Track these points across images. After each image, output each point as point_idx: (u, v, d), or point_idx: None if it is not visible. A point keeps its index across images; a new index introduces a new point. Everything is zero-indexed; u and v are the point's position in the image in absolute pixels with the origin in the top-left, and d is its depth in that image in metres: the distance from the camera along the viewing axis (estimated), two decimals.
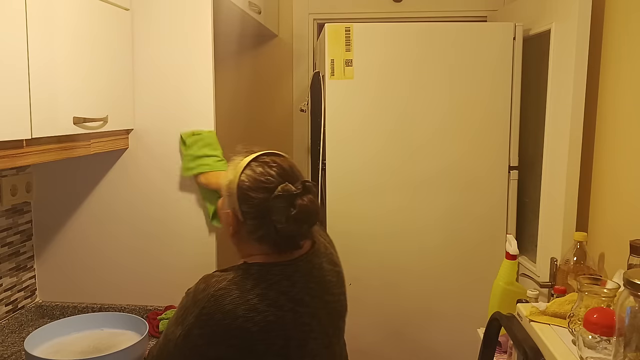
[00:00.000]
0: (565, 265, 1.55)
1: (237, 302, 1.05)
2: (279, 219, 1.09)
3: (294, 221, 1.09)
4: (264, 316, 1.06)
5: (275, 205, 1.09)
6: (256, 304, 1.06)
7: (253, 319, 1.05)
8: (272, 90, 2.73)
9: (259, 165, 1.13)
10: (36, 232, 1.81)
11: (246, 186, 1.11)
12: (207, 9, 1.68)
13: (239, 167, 1.14)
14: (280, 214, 1.09)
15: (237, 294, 1.06)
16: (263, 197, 1.10)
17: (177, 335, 1.08)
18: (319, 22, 2.66)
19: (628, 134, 1.49)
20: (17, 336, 1.66)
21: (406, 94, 1.97)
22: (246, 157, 1.16)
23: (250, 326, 1.05)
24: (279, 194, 1.09)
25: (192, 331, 1.06)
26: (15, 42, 1.16)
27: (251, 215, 1.12)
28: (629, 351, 0.88)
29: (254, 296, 1.07)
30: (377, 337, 2.08)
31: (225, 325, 1.04)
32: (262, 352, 1.06)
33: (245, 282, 1.08)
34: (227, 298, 1.05)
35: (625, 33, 1.53)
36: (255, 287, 1.08)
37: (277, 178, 1.11)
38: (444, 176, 2.00)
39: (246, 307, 1.05)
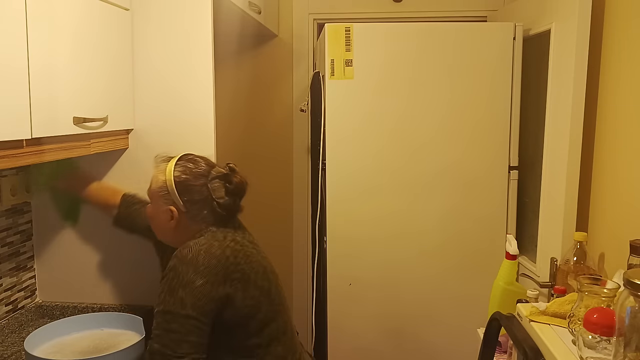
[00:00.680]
0: (565, 265, 1.55)
1: (222, 247, 1.27)
2: (219, 195, 1.33)
3: (232, 194, 1.35)
4: (243, 252, 1.30)
5: (214, 185, 1.34)
6: (234, 246, 1.30)
7: (238, 255, 1.29)
8: (272, 90, 2.73)
9: (186, 162, 1.37)
10: (36, 232, 1.81)
11: (184, 178, 1.33)
12: (207, 9, 1.68)
13: (169, 168, 1.36)
14: (219, 191, 1.34)
15: (217, 243, 1.28)
16: (202, 182, 1.34)
17: (182, 297, 1.20)
18: (319, 22, 2.66)
19: (628, 134, 1.49)
20: (17, 336, 1.66)
21: (406, 94, 1.97)
22: (168, 161, 1.38)
23: (239, 261, 1.28)
24: (215, 176, 1.35)
25: (196, 283, 1.20)
26: (15, 42, 1.16)
27: (193, 201, 1.33)
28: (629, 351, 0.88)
29: (229, 241, 1.30)
30: (376, 337, 2.08)
31: (222, 266, 1.24)
32: (254, 279, 1.29)
33: (217, 236, 1.31)
34: (212, 248, 1.26)
35: (625, 33, 1.53)
36: (226, 237, 1.31)
37: (206, 166, 1.37)
38: (444, 176, 2.00)
39: (230, 249, 1.28)
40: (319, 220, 2.16)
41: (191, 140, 1.72)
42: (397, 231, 2.02)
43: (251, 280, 1.29)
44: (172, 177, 1.33)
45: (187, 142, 1.72)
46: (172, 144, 1.73)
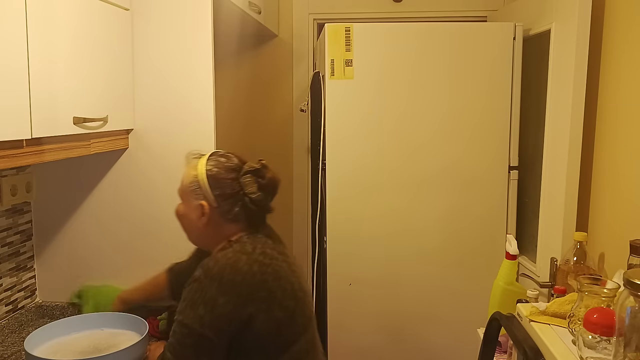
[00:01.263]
0: (565, 265, 1.55)
1: (249, 262, 1.21)
2: (251, 190, 1.28)
3: (264, 190, 1.30)
4: (272, 268, 1.23)
5: (246, 180, 1.29)
6: (263, 260, 1.23)
7: (266, 272, 1.22)
8: (272, 90, 2.73)
9: (219, 157, 1.33)
10: (36, 232, 1.81)
11: (215, 172, 1.30)
12: (207, 9, 1.68)
13: (201, 163, 1.32)
14: (251, 186, 1.29)
15: (245, 257, 1.22)
16: (233, 176, 1.29)
17: (201, 314, 1.15)
18: (319, 22, 2.66)
19: (628, 133, 1.49)
20: (17, 336, 1.66)
21: (406, 94, 1.97)
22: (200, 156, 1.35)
23: (266, 277, 1.21)
24: (247, 170, 1.30)
25: (218, 301, 1.16)
26: (15, 42, 1.16)
27: (225, 196, 1.29)
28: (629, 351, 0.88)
29: (258, 254, 1.24)
30: (377, 336, 2.08)
31: (247, 284, 1.18)
32: (280, 297, 1.22)
33: (246, 247, 1.25)
34: (240, 262, 1.20)
35: (625, 33, 1.53)
36: (255, 249, 1.25)
37: (238, 161, 1.33)
38: (444, 176, 2.00)
39: (257, 264, 1.21)
40: (319, 219, 2.16)
41: (191, 140, 1.72)
42: (397, 231, 2.02)
43: (277, 300, 1.21)
44: (204, 171, 1.29)
45: (187, 142, 1.72)
46: (172, 144, 1.73)
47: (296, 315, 1.25)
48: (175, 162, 1.74)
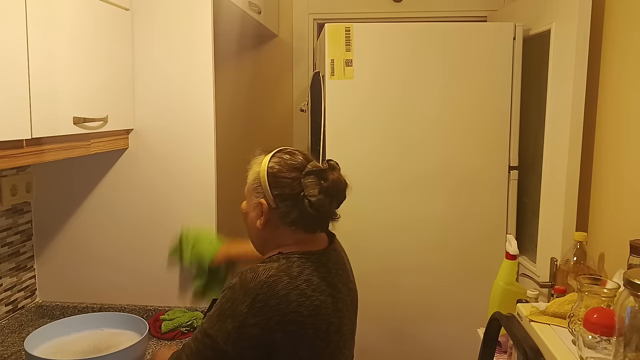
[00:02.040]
0: (565, 265, 1.55)
1: (289, 288, 1.09)
2: (312, 192, 1.15)
3: (326, 193, 1.17)
4: (311, 301, 1.11)
5: (307, 181, 1.16)
6: (304, 289, 1.11)
7: (304, 304, 1.09)
8: (272, 90, 2.73)
9: (284, 154, 1.21)
10: (36, 232, 1.81)
11: (277, 169, 1.18)
12: (207, 9, 1.68)
13: (265, 160, 1.21)
14: (313, 188, 1.16)
15: (287, 279, 1.10)
16: (295, 175, 1.17)
17: (228, 329, 1.07)
18: (319, 22, 2.66)
19: (628, 134, 1.49)
20: (17, 336, 1.66)
21: (406, 94, 1.97)
22: (266, 153, 1.24)
23: (302, 310, 1.09)
24: (310, 170, 1.17)
25: (247, 321, 1.06)
26: (15, 42, 1.16)
27: (284, 197, 1.17)
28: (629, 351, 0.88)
29: (302, 282, 1.12)
30: (376, 336, 2.08)
31: (281, 311, 1.07)
32: (311, 336, 1.11)
33: (292, 269, 1.13)
34: (279, 284, 1.09)
35: (625, 33, 1.53)
36: (301, 274, 1.13)
37: (303, 159, 1.20)
38: (444, 176, 2.00)
39: (297, 292, 1.10)
40: None
41: (191, 140, 1.73)
42: (397, 231, 2.02)
43: (307, 337, 1.10)
44: (266, 168, 1.19)
45: (188, 142, 1.73)
46: (172, 144, 1.73)
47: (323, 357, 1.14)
48: (175, 162, 1.74)
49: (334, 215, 1.25)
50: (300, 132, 2.71)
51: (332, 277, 1.19)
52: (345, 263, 1.30)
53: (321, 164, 1.21)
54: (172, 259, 1.55)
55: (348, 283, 1.26)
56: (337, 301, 1.17)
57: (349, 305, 1.23)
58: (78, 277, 1.81)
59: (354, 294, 1.29)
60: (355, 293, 1.30)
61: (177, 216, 1.75)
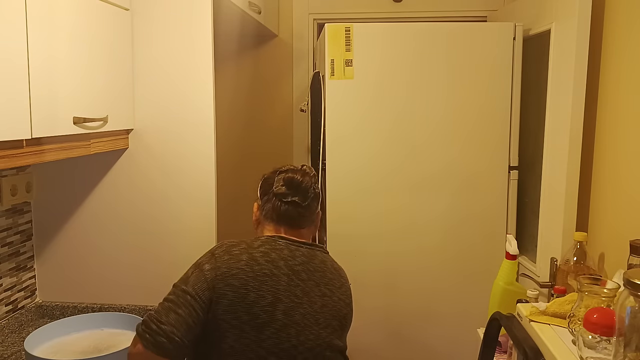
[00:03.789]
0: (565, 265, 1.55)
1: (244, 251, 1.26)
2: (277, 185, 1.38)
3: (282, 185, 1.37)
4: (260, 267, 1.24)
5: (277, 177, 1.39)
6: (258, 257, 1.26)
7: (252, 267, 1.23)
8: (272, 90, 2.73)
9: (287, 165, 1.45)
10: (36, 232, 1.81)
11: (266, 174, 1.44)
12: (207, 9, 1.68)
13: None
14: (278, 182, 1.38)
15: (244, 246, 1.28)
16: (272, 175, 1.42)
17: (188, 274, 1.24)
18: (319, 22, 2.66)
19: (628, 133, 1.49)
20: (17, 336, 1.66)
21: (406, 94, 1.97)
22: None
23: (248, 271, 1.22)
24: (281, 170, 1.41)
25: (203, 267, 1.23)
26: (15, 42, 1.16)
27: (263, 193, 1.41)
28: (629, 351, 0.88)
29: (258, 252, 1.27)
30: (377, 337, 2.08)
31: (229, 265, 1.22)
32: (252, 301, 1.20)
33: (255, 242, 1.31)
34: (236, 247, 1.27)
35: (625, 33, 1.53)
36: (261, 246, 1.29)
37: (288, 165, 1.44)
38: (444, 176, 2.00)
39: (249, 257, 1.25)
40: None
41: (191, 140, 1.73)
42: (397, 231, 2.02)
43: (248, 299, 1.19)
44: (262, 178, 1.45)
45: (187, 142, 1.73)
46: (172, 144, 1.73)
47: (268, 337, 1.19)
48: (175, 162, 1.74)
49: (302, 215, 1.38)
50: (300, 132, 2.71)
51: (296, 264, 1.29)
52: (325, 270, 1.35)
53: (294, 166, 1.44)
54: None
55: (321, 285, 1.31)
56: (295, 286, 1.26)
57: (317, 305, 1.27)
58: (78, 277, 1.81)
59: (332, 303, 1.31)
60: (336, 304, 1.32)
61: (177, 216, 1.76)
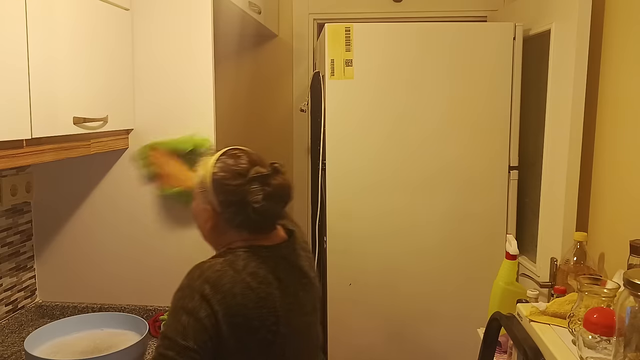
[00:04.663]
0: (565, 265, 1.55)
1: (234, 281, 1.11)
2: (255, 199, 1.16)
3: (270, 199, 1.18)
4: (256, 293, 1.13)
5: (251, 187, 1.17)
6: (249, 282, 1.13)
7: (249, 296, 1.11)
8: (272, 90, 2.73)
9: (228, 158, 1.22)
10: (36, 232, 1.81)
11: (220, 176, 1.19)
12: (207, 9, 1.68)
13: (210, 163, 1.22)
14: (256, 194, 1.17)
15: (231, 273, 1.12)
16: (239, 182, 1.18)
17: (184, 325, 1.08)
18: (319, 22, 2.66)
19: (628, 133, 1.49)
20: (17, 336, 1.66)
21: (406, 93, 1.97)
22: (214, 153, 1.24)
23: (247, 302, 1.11)
24: (253, 177, 1.18)
25: (199, 314, 1.08)
26: (15, 42, 1.16)
27: (229, 203, 1.19)
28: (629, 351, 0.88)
29: (247, 275, 1.13)
30: (377, 337, 2.08)
31: (226, 304, 1.09)
32: (257, 328, 1.12)
33: (237, 263, 1.15)
34: (224, 278, 1.11)
35: (625, 33, 1.53)
36: (247, 267, 1.15)
37: (247, 164, 1.20)
38: (444, 176, 2.00)
39: (242, 285, 1.12)
40: (319, 219, 2.16)
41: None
42: (397, 231, 2.02)
43: (253, 328, 1.12)
44: (211, 174, 1.20)
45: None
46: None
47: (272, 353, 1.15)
48: None
49: (282, 216, 1.27)
50: (300, 132, 2.71)
51: (280, 270, 1.19)
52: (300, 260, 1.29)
53: (264, 169, 1.20)
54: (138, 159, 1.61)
55: (301, 278, 1.26)
56: (286, 294, 1.18)
57: (302, 298, 1.23)
58: (78, 277, 1.81)
59: (311, 287, 1.29)
60: (313, 286, 1.30)
61: (176, 216, 1.75)
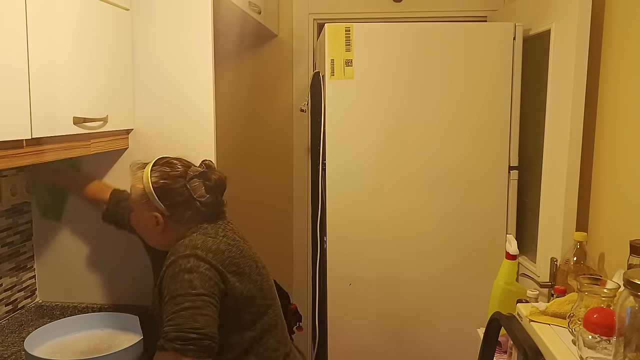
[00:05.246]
0: (565, 265, 1.55)
1: (216, 242, 1.29)
2: (199, 194, 1.34)
3: (212, 191, 1.36)
4: (236, 247, 1.32)
5: (193, 185, 1.34)
6: (227, 241, 1.31)
7: (232, 251, 1.30)
8: (272, 90, 2.73)
9: (161, 166, 1.36)
10: (36, 232, 1.81)
11: (162, 183, 1.33)
12: (207, 9, 1.68)
13: (145, 175, 1.34)
14: (199, 190, 1.34)
15: (210, 239, 1.30)
16: (181, 184, 1.33)
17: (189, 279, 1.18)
18: (319, 22, 2.66)
19: (628, 133, 1.50)
20: (17, 336, 1.66)
21: (406, 94, 1.97)
22: (144, 167, 1.37)
23: (234, 255, 1.30)
24: (192, 175, 1.34)
25: (200, 268, 1.21)
26: (15, 42, 1.16)
27: (175, 204, 1.33)
28: (629, 351, 0.88)
29: (222, 236, 1.32)
30: (376, 337, 2.08)
31: (219, 260, 1.26)
32: (249, 273, 1.32)
33: (209, 232, 1.32)
34: (207, 243, 1.27)
35: (625, 33, 1.53)
36: (217, 233, 1.33)
37: (182, 167, 1.36)
38: (444, 176, 2.00)
39: (224, 243, 1.30)
40: (319, 220, 2.16)
41: (191, 140, 1.72)
42: (397, 231, 2.02)
43: (246, 273, 1.31)
44: (150, 184, 1.33)
45: (187, 142, 1.72)
46: (172, 144, 1.73)
47: (264, 289, 1.35)
48: None
49: (222, 203, 1.41)
50: (300, 132, 2.71)
51: (237, 232, 1.39)
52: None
53: (199, 167, 1.38)
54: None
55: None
56: (250, 247, 1.39)
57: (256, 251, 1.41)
58: (78, 277, 1.81)
59: None
60: None
61: None
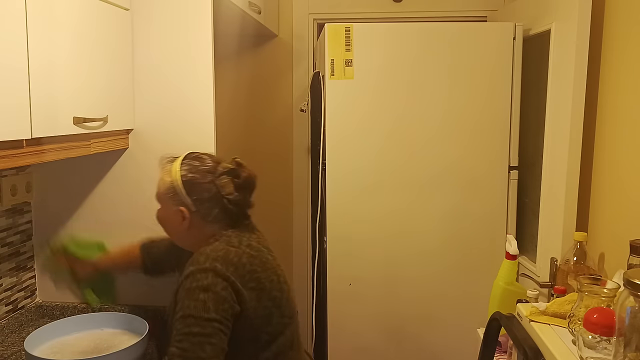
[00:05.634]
0: (565, 265, 1.55)
1: (238, 254, 1.25)
2: (228, 191, 1.31)
3: (241, 189, 1.33)
4: (259, 259, 1.28)
5: (222, 182, 1.31)
6: (250, 252, 1.27)
7: (254, 263, 1.26)
8: (272, 90, 2.73)
9: (191, 160, 1.34)
10: (36, 232, 1.81)
11: (190, 177, 1.31)
12: (207, 9, 1.68)
13: (175, 168, 1.33)
14: (228, 187, 1.31)
15: (233, 250, 1.26)
16: (209, 179, 1.31)
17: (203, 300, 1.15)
18: (319, 22, 2.66)
19: (628, 133, 1.50)
20: (17, 336, 1.66)
21: (406, 94, 1.97)
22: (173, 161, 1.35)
23: (255, 268, 1.25)
24: (222, 172, 1.32)
25: (216, 287, 1.17)
26: (15, 42, 1.16)
27: (203, 200, 1.30)
28: (629, 351, 0.88)
29: (245, 247, 1.28)
30: (377, 336, 2.08)
31: (239, 275, 1.22)
32: (269, 288, 1.27)
33: (232, 241, 1.29)
34: (229, 255, 1.23)
35: (625, 33, 1.53)
36: (241, 242, 1.29)
37: (213, 163, 1.34)
38: (444, 176, 2.00)
39: (246, 256, 1.26)
40: (319, 220, 2.16)
41: (191, 140, 1.72)
42: (397, 231, 2.02)
43: (266, 289, 1.25)
44: (179, 177, 1.31)
45: (187, 142, 1.72)
46: (172, 144, 1.73)
47: (282, 306, 1.29)
48: None
49: (250, 205, 1.38)
50: (300, 132, 2.71)
51: (262, 241, 1.36)
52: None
53: (230, 164, 1.34)
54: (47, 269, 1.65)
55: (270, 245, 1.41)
56: (274, 258, 1.34)
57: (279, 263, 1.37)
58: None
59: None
60: None
61: None
